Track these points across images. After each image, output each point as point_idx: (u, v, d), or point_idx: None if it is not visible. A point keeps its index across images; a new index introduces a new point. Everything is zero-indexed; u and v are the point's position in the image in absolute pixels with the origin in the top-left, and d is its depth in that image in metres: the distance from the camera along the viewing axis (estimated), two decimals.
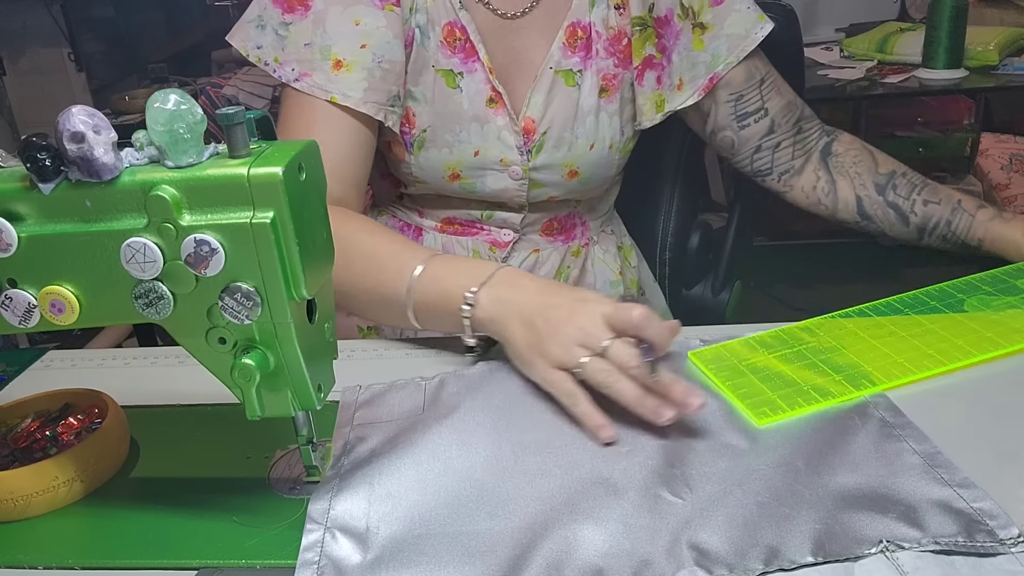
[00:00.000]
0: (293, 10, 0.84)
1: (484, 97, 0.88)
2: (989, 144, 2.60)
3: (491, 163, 0.90)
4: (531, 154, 0.90)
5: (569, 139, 0.90)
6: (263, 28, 0.85)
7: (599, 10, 0.89)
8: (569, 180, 0.93)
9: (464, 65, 0.87)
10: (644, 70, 0.91)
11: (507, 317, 0.67)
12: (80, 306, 0.51)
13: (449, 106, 0.87)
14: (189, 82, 2.55)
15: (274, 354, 0.51)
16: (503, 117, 0.88)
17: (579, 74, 0.90)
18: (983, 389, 0.63)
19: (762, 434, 0.59)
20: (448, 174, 0.90)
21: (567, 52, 0.89)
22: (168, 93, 0.48)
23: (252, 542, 0.54)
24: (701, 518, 0.51)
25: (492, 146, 0.89)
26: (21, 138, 0.93)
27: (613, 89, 0.91)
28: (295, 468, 0.60)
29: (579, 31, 0.89)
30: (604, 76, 0.90)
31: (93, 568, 0.53)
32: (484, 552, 0.50)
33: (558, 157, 0.91)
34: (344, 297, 0.77)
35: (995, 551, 0.47)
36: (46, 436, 0.63)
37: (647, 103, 0.92)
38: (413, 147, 0.89)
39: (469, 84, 0.87)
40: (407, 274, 0.72)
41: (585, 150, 0.91)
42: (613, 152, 0.93)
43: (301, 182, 0.49)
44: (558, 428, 0.62)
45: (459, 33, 0.87)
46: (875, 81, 2.06)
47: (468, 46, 0.87)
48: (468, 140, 0.88)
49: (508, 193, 0.92)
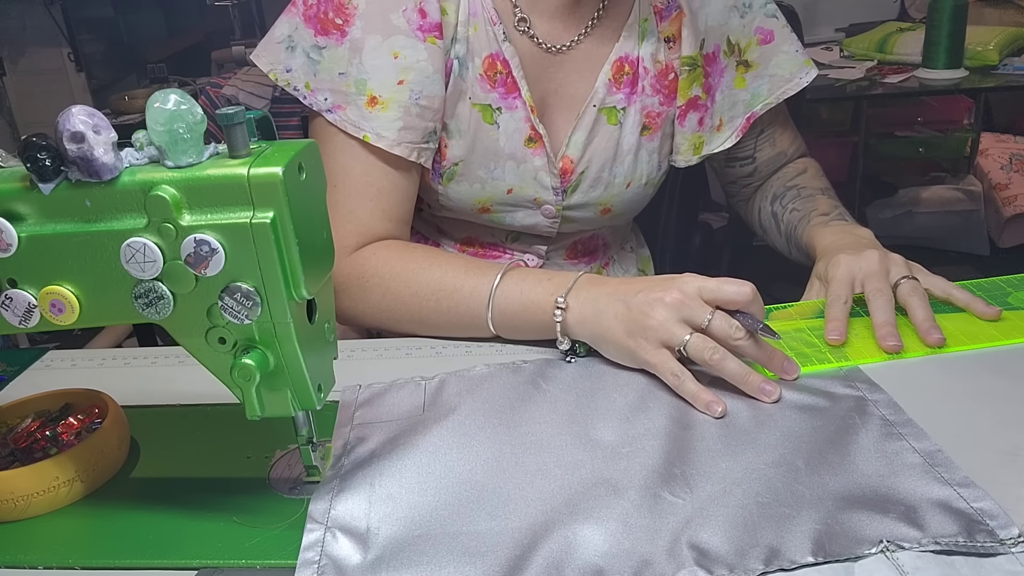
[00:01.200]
0: (328, 33, 0.78)
1: (523, 136, 0.84)
2: (989, 144, 2.61)
3: (524, 201, 0.87)
4: (566, 194, 0.87)
5: (607, 179, 0.88)
6: (293, 50, 0.80)
7: (648, 44, 0.85)
8: (601, 216, 0.91)
9: (504, 100, 0.83)
10: (688, 111, 0.88)
11: (600, 312, 0.67)
12: (80, 306, 0.51)
13: (485, 142, 0.84)
14: (189, 82, 2.55)
15: (274, 354, 0.51)
16: (541, 158, 0.85)
17: (622, 112, 0.86)
18: (984, 389, 0.63)
19: (762, 434, 0.59)
20: (478, 207, 0.87)
21: (612, 88, 0.86)
22: (168, 93, 0.48)
23: (252, 542, 0.53)
24: (701, 518, 0.51)
25: (527, 185, 0.86)
26: (21, 138, 0.92)
27: (656, 127, 0.88)
28: (295, 468, 0.60)
29: (626, 66, 0.86)
30: (648, 114, 0.87)
31: (93, 568, 0.53)
32: (484, 552, 0.50)
33: (594, 196, 0.88)
34: (417, 325, 0.77)
35: (995, 551, 0.47)
36: (46, 436, 0.63)
37: (684, 143, 0.90)
38: (443, 178, 0.85)
39: (508, 121, 0.83)
40: (485, 292, 0.72)
41: (622, 189, 0.89)
42: (648, 188, 0.91)
43: (301, 182, 0.49)
44: (558, 428, 0.62)
45: (501, 67, 0.82)
46: (875, 81, 2.06)
47: (510, 80, 0.83)
48: (502, 178, 0.85)
49: (538, 228, 0.90)
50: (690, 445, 0.59)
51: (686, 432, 0.60)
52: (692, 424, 0.61)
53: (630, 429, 0.61)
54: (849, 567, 0.47)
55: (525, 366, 0.70)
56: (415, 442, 0.61)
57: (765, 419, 0.61)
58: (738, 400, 0.63)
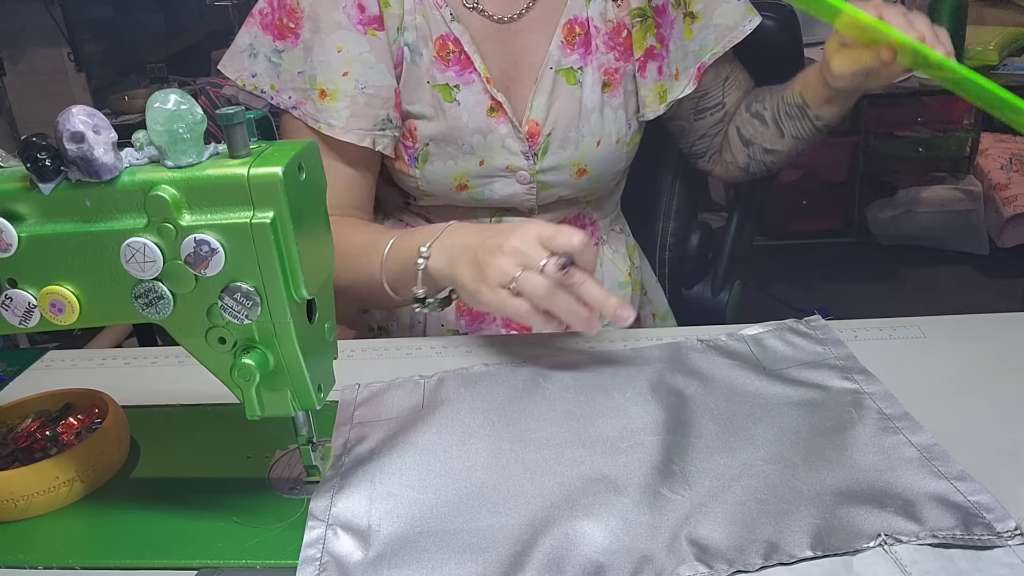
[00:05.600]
0: (284, 37, 0.86)
1: (484, 107, 0.87)
2: (989, 144, 2.61)
3: (497, 171, 0.89)
4: (537, 157, 0.90)
5: (575, 138, 0.90)
6: (255, 56, 0.87)
7: (596, 4, 0.89)
8: (578, 179, 0.92)
9: (460, 77, 0.87)
10: (646, 61, 0.91)
11: (455, 260, 0.71)
12: (80, 306, 0.51)
13: (450, 120, 0.87)
14: (189, 82, 2.55)
15: (274, 354, 0.51)
16: (505, 125, 0.88)
17: (580, 71, 0.89)
18: (982, 386, 0.63)
19: (759, 429, 0.59)
20: (455, 185, 0.90)
21: (566, 50, 0.89)
22: (168, 93, 0.48)
23: (252, 542, 0.54)
24: (700, 514, 0.51)
25: (497, 154, 0.88)
26: (21, 138, 0.92)
27: (616, 83, 0.91)
28: (295, 468, 0.60)
29: (577, 27, 0.89)
30: (606, 71, 0.90)
31: (93, 568, 0.53)
32: (485, 549, 0.50)
33: (565, 157, 0.90)
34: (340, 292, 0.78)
35: (992, 544, 0.47)
36: (46, 436, 0.63)
37: (650, 94, 0.92)
38: (418, 161, 0.89)
39: (467, 96, 0.87)
40: (381, 251, 0.77)
41: (592, 147, 0.91)
42: (621, 146, 0.93)
43: (301, 182, 0.49)
44: (558, 425, 0.62)
45: (452, 46, 0.86)
46: None
47: (463, 57, 0.86)
48: (472, 151, 0.88)
49: (517, 198, 0.92)
50: (688, 442, 0.59)
51: (684, 428, 0.60)
52: (690, 421, 0.61)
53: (629, 424, 0.61)
54: (848, 561, 0.47)
55: (524, 365, 0.70)
56: (415, 440, 0.61)
57: (762, 415, 0.61)
58: (735, 397, 0.63)
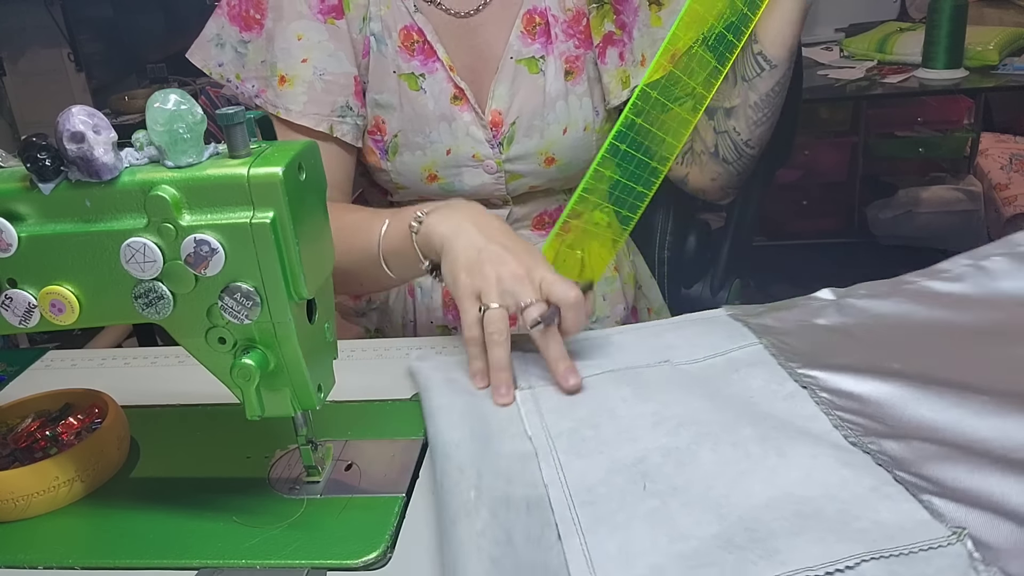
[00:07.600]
0: (250, 28, 0.88)
1: (448, 95, 0.89)
2: (989, 144, 2.61)
3: (464, 160, 0.91)
4: (503, 146, 0.91)
5: (540, 126, 0.91)
6: (222, 47, 0.89)
7: None
8: (547, 167, 0.93)
9: (424, 66, 0.88)
10: (605, 47, 0.91)
11: (461, 227, 0.69)
12: (80, 306, 0.51)
13: (416, 108, 0.89)
14: (189, 82, 2.55)
15: (274, 354, 0.51)
16: (468, 113, 0.89)
17: (542, 60, 0.90)
18: None
19: None
20: (425, 176, 0.91)
21: (526, 40, 0.90)
22: (168, 93, 0.48)
23: (252, 542, 0.54)
24: None
25: (463, 143, 0.90)
26: (21, 138, 0.92)
27: (578, 71, 0.91)
28: (295, 468, 0.60)
29: (536, 17, 0.90)
30: (567, 59, 0.90)
31: (93, 568, 0.53)
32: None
33: (531, 146, 0.91)
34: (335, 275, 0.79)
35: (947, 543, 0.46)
36: (46, 436, 0.63)
37: (612, 80, 0.92)
38: (388, 153, 0.91)
39: (432, 84, 0.88)
40: (378, 225, 0.76)
41: (558, 135, 0.91)
42: (589, 133, 0.93)
43: (301, 182, 0.49)
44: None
45: (416, 36, 0.88)
46: (875, 81, 2.06)
47: (427, 47, 0.88)
48: (439, 140, 0.89)
49: (487, 188, 0.93)
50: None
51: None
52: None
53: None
54: None
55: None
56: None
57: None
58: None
